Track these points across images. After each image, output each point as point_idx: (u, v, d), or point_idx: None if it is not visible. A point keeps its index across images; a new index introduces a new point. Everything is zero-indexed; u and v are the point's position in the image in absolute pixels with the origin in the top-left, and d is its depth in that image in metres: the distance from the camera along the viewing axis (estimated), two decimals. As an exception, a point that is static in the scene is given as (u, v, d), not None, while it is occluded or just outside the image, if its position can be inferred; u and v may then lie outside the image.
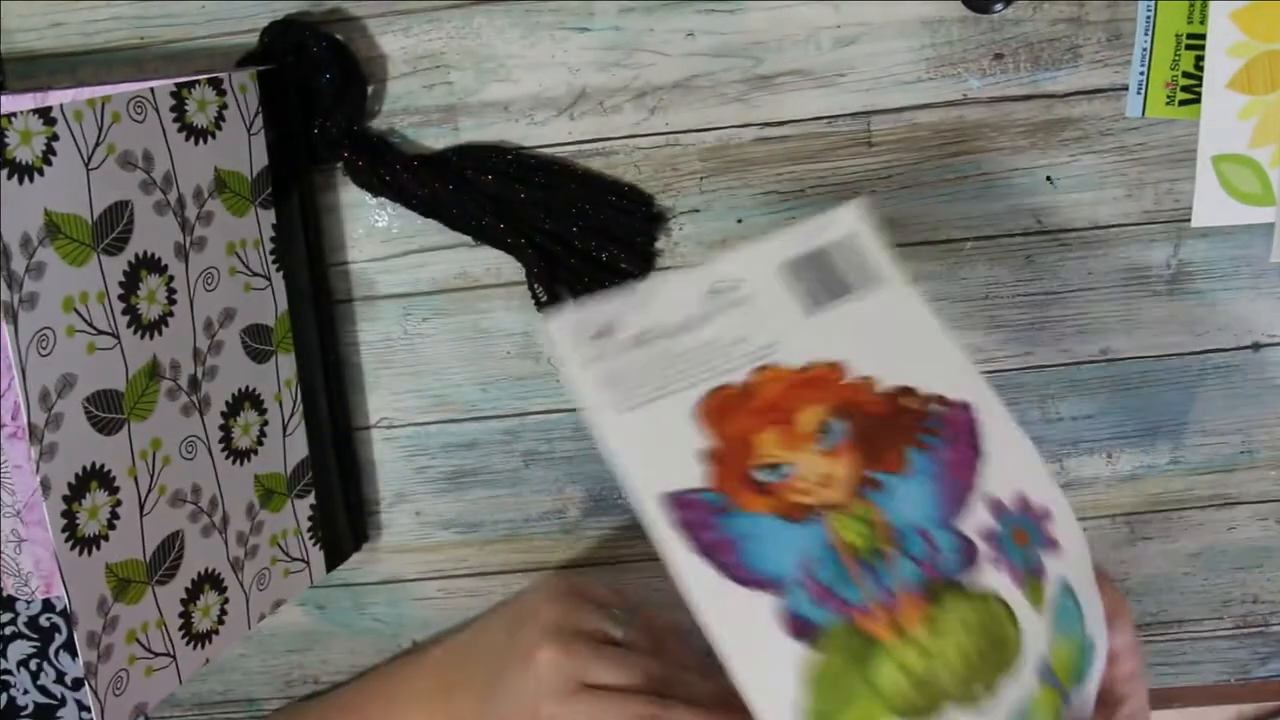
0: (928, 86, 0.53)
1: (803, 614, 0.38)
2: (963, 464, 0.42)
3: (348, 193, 0.56)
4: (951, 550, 0.40)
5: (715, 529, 0.39)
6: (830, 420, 0.42)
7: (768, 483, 0.40)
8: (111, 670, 0.45)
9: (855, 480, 0.41)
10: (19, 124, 0.39)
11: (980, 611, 0.40)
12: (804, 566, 0.39)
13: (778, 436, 0.41)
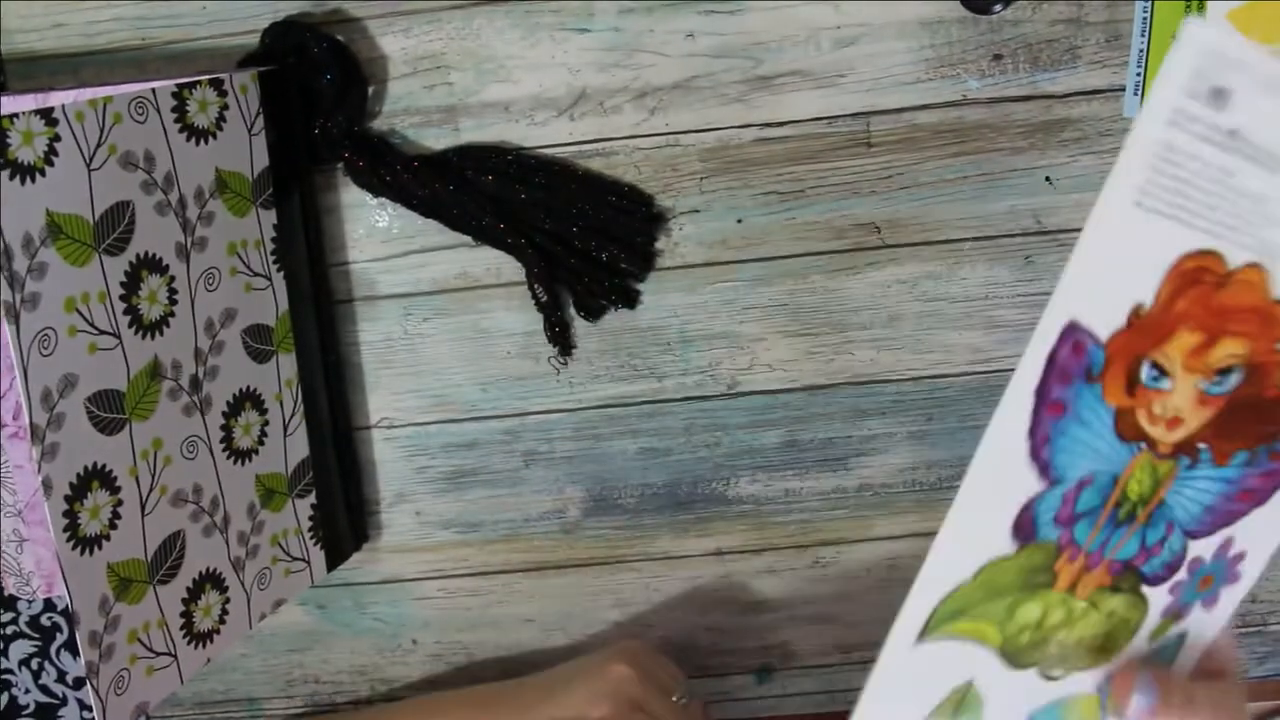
0: (927, 87, 0.54)
1: (1038, 517, 0.37)
2: (1252, 497, 0.38)
3: (348, 193, 0.56)
4: (1168, 557, 0.39)
5: (1069, 388, 0.35)
6: (1238, 367, 0.36)
7: (1141, 382, 0.35)
8: (113, 670, 0.45)
9: (1189, 441, 0.37)
10: (21, 124, 0.39)
11: (1129, 611, 0.39)
12: (1081, 482, 0.37)
13: (1194, 345, 0.35)
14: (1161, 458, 0.37)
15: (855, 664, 0.64)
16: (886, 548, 0.62)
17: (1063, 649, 0.39)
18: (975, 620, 0.38)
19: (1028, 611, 0.38)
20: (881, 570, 0.62)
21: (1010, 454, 0.35)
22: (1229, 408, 0.36)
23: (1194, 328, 0.35)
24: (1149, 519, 0.38)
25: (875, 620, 0.63)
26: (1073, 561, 0.38)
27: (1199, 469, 0.37)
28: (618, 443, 0.59)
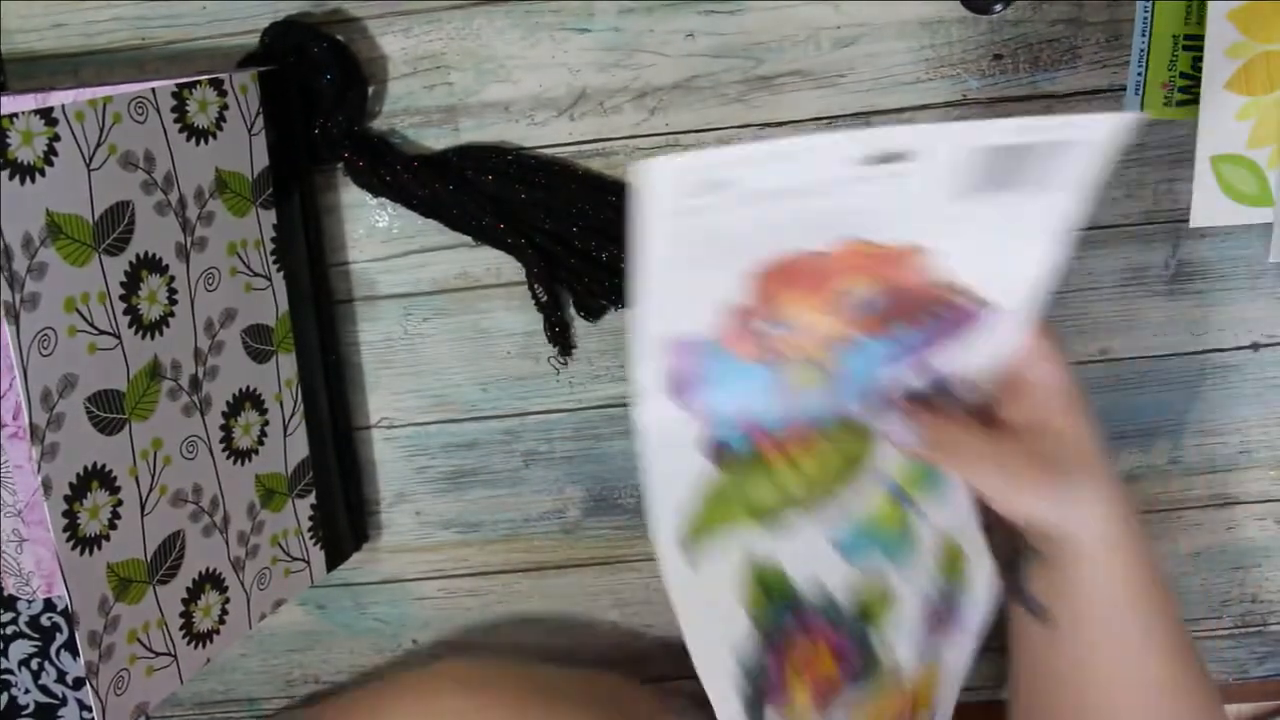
0: (927, 87, 0.54)
1: (724, 439, 0.42)
2: (937, 345, 0.43)
3: (348, 193, 0.56)
4: (867, 396, 0.44)
5: (696, 363, 0.40)
6: (873, 298, 0.40)
7: (771, 334, 0.40)
8: (113, 670, 0.45)
9: (843, 340, 0.41)
10: (21, 124, 0.39)
11: (854, 439, 0.44)
12: (748, 394, 0.41)
13: (813, 301, 0.40)
14: (818, 355, 0.41)
15: (855, 664, 0.64)
16: (886, 548, 0.62)
17: (809, 484, 0.44)
18: (720, 521, 0.43)
19: (760, 492, 0.43)
20: (881, 570, 0.62)
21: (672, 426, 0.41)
22: (884, 315, 0.41)
23: (806, 290, 0.39)
24: (836, 387, 0.43)
25: (875, 620, 0.63)
26: (773, 442, 0.43)
27: (862, 346, 0.42)
28: (618, 443, 0.59)
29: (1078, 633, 0.48)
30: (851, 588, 0.46)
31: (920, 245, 0.40)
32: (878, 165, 0.36)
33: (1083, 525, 0.45)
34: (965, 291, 0.41)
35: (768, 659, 0.45)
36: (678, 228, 0.35)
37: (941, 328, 0.42)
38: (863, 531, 0.46)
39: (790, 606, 0.45)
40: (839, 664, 0.46)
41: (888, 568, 0.47)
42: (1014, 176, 0.38)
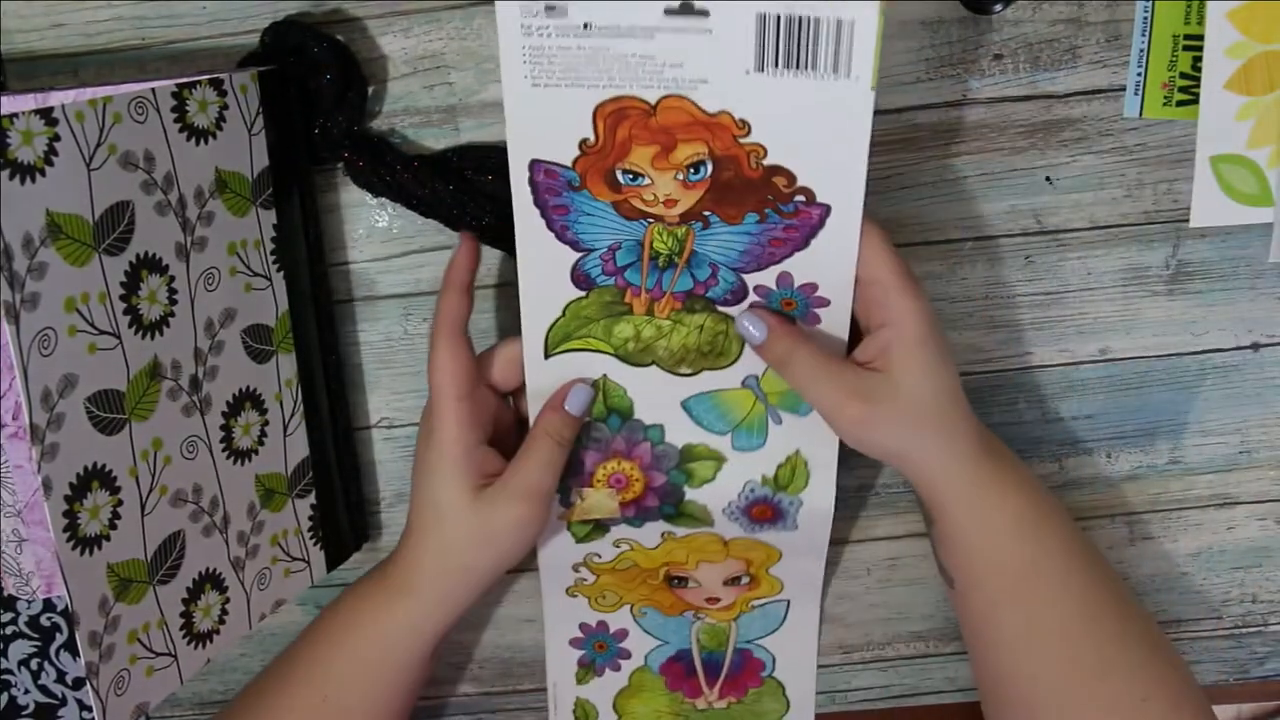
0: (928, 86, 0.54)
1: (589, 273, 0.49)
2: (785, 243, 0.48)
3: (348, 193, 0.56)
4: (727, 286, 0.49)
5: (561, 197, 0.47)
6: (705, 161, 0.46)
7: (622, 184, 0.47)
8: (113, 670, 0.45)
9: (693, 212, 0.47)
10: (21, 124, 0.39)
11: (717, 325, 0.51)
12: (611, 248, 0.49)
13: (653, 154, 0.46)
14: (672, 225, 0.48)
15: (855, 664, 0.64)
16: (886, 548, 0.62)
17: (672, 354, 0.51)
18: (581, 339, 0.51)
19: (622, 329, 0.51)
20: (881, 570, 0.62)
21: (541, 240, 0.48)
22: (719, 186, 0.46)
23: (645, 143, 0.46)
24: (689, 264, 0.49)
25: (875, 620, 0.63)
26: (637, 296, 0.50)
27: (716, 229, 0.48)
28: (618, 443, 0.59)
29: (975, 592, 0.51)
30: (685, 441, 0.53)
31: (732, 112, 0.44)
32: (682, 18, 0.43)
33: (923, 470, 0.49)
34: (788, 175, 0.46)
35: (583, 454, 0.53)
36: (529, 46, 0.43)
37: (786, 230, 0.47)
38: (713, 405, 0.52)
39: (622, 420, 0.53)
40: (646, 489, 0.54)
41: (725, 442, 0.53)
42: (806, 55, 0.43)
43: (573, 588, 0.58)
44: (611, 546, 0.56)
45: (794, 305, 0.49)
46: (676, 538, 0.55)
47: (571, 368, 0.51)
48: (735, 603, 0.58)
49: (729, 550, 0.56)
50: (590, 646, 0.61)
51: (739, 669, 0.61)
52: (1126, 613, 0.51)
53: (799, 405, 0.52)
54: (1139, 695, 0.49)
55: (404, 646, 0.54)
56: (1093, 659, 0.49)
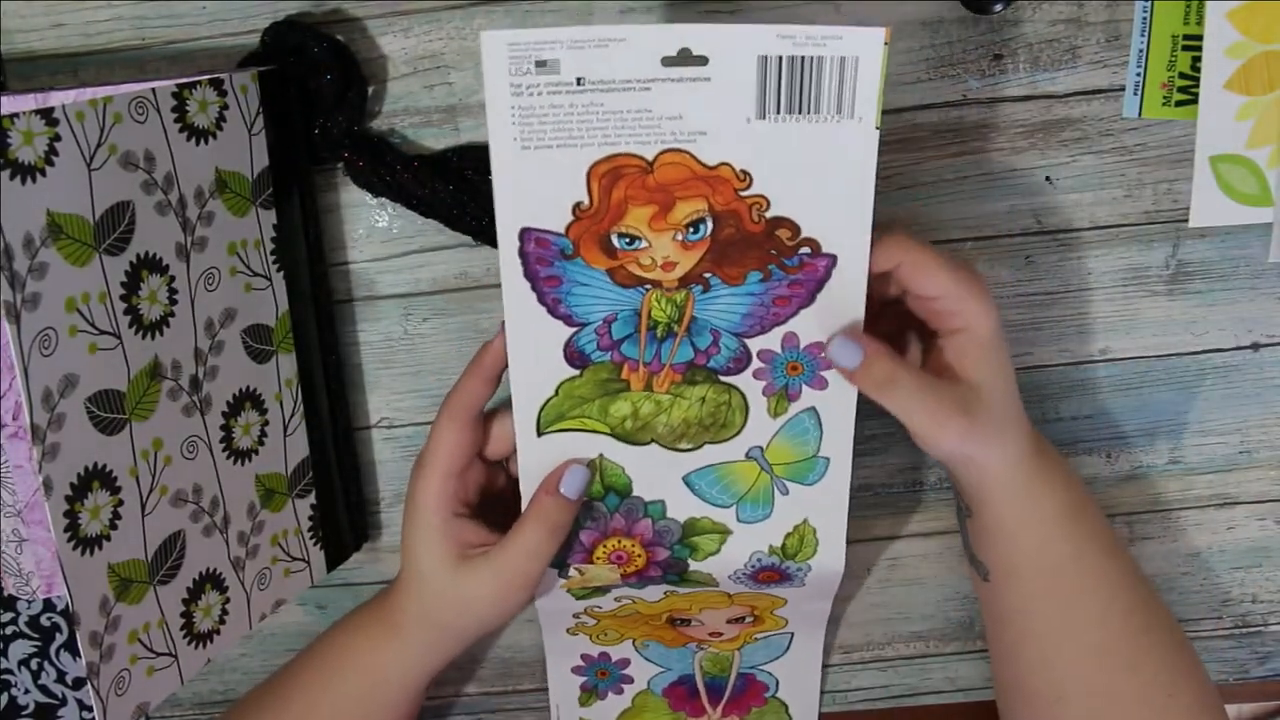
0: (928, 86, 0.54)
1: (583, 349, 0.47)
2: (790, 300, 0.46)
3: (348, 193, 0.56)
4: (729, 354, 0.48)
5: (553, 267, 0.45)
6: (705, 218, 0.44)
7: (618, 248, 0.45)
8: (113, 670, 0.45)
9: (693, 274, 0.46)
10: (21, 124, 0.39)
11: (719, 396, 0.48)
12: (606, 320, 0.47)
13: (650, 215, 0.44)
14: (671, 290, 0.46)
15: (855, 664, 0.64)
16: (886, 548, 0.62)
17: (672, 430, 0.49)
18: (576, 419, 0.49)
19: (619, 408, 0.48)
20: (882, 570, 0.62)
21: (532, 315, 0.46)
22: (719, 244, 0.45)
23: (643, 203, 0.44)
24: (689, 332, 0.47)
25: (875, 620, 0.63)
26: (635, 371, 0.48)
27: (716, 291, 0.46)
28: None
29: (1011, 584, 0.51)
30: (688, 515, 0.51)
31: (732, 163, 0.43)
32: (681, 68, 0.41)
33: (985, 470, 0.49)
34: (792, 226, 0.44)
35: (580, 533, 0.51)
36: (518, 107, 0.42)
37: (791, 286, 0.46)
38: (717, 478, 0.50)
39: (620, 498, 0.50)
40: (649, 563, 0.52)
41: (729, 515, 0.51)
42: (809, 97, 0.42)
43: (573, 629, 0.57)
44: (612, 600, 0.55)
45: (800, 370, 0.48)
46: (679, 594, 0.54)
47: (566, 446, 0.49)
48: (739, 636, 0.58)
49: (734, 600, 0.55)
50: (593, 674, 0.60)
51: (742, 691, 0.61)
52: (1154, 608, 0.51)
53: (806, 475, 0.50)
54: (1166, 691, 0.49)
55: (395, 682, 0.55)
56: (1124, 652, 0.49)
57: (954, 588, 0.62)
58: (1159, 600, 0.52)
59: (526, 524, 0.50)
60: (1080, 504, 0.50)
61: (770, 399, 0.48)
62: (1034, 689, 0.52)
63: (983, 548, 0.52)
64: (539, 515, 0.49)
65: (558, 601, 0.54)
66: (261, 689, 0.58)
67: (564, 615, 0.56)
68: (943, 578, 0.62)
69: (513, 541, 0.50)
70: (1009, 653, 0.53)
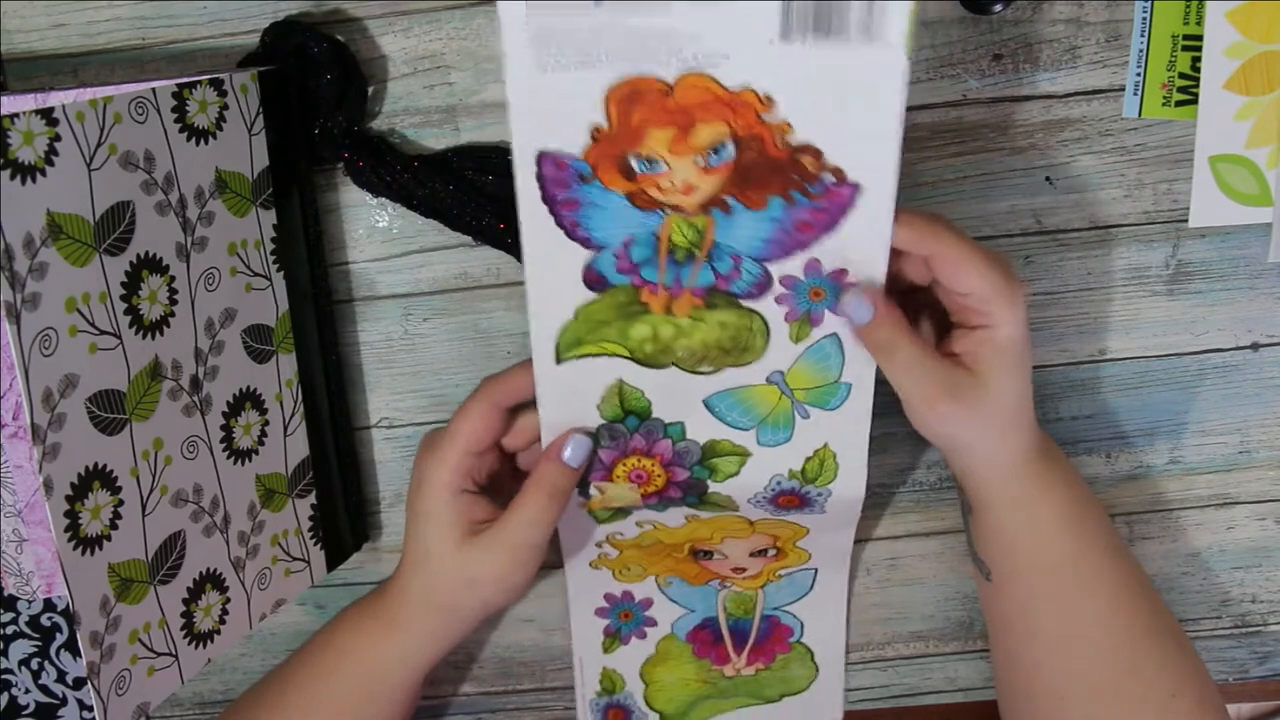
0: (928, 86, 0.54)
1: (602, 272, 0.46)
2: (813, 226, 0.45)
3: (348, 193, 0.56)
4: (750, 279, 0.46)
5: (571, 190, 0.44)
6: (727, 142, 0.43)
7: (637, 171, 0.44)
8: (114, 670, 0.45)
9: (713, 199, 0.45)
10: (21, 124, 0.39)
11: (741, 320, 0.47)
12: (625, 243, 0.46)
13: (670, 137, 0.43)
14: (692, 215, 0.45)
15: (856, 664, 0.64)
16: (886, 548, 0.62)
17: (692, 353, 0.48)
18: (595, 343, 0.48)
19: (638, 330, 0.48)
20: (882, 570, 0.62)
21: (549, 238, 0.45)
22: (741, 169, 0.44)
23: (662, 126, 0.43)
24: (710, 256, 0.46)
25: (875, 620, 0.63)
26: (655, 294, 0.47)
27: (738, 216, 0.45)
28: (618, 443, 0.59)
29: (1012, 584, 0.51)
30: (708, 437, 0.51)
31: (755, 87, 0.42)
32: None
33: (978, 464, 0.49)
34: (816, 153, 0.43)
35: (601, 452, 0.51)
36: (535, 27, 0.40)
37: (814, 213, 0.45)
38: (736, 402, 0.50)
39: (640, 420, 0.50)
40: (668, 484, 0.52)
41: (749, 437, 0.51)
42: (836, 19, 0.40)
43: (596, 561, 0.57)
44: (634, 526, 0.55)
45: (823, 295, 0.47)
46: (701, 519, 0.54)
47: (584, 372, 0.49)
48: (762, 572, 0.58)
49: (755, 528, 0.55)
50: (615, 616, 0.60)
51: (766, 635, 0.61)
52: (1156, 610, 0.51)
53: (828, 400, 0.49)
54: (1168, 691, 0.49)
55: (394, 677, 0.55)
56: (1126, 654, 0.49)
57: (954, 588, 0.62)
58: (1161, 602, 0.52)
59: (528, 491, 0.50)
60: (1083, 507, 0.51)
61: (792, 324, 0.48)
62: (1035, 689, 0.52)
63: (984, 547, 0.52)
64: (541, 482, 0.50)
65: (580, 526, 0.55)
66: (259, 688, 0.58)
67: (587, 543, 0.56)
68: (943, 578, 0.62)
69: (515, 510, 0.50)
70: (1010, 652, 0.53)
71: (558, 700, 0.65)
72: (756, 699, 0.63)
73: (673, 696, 0.62)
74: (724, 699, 0.63)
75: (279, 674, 0.57)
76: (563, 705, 0.65)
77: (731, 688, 0.62)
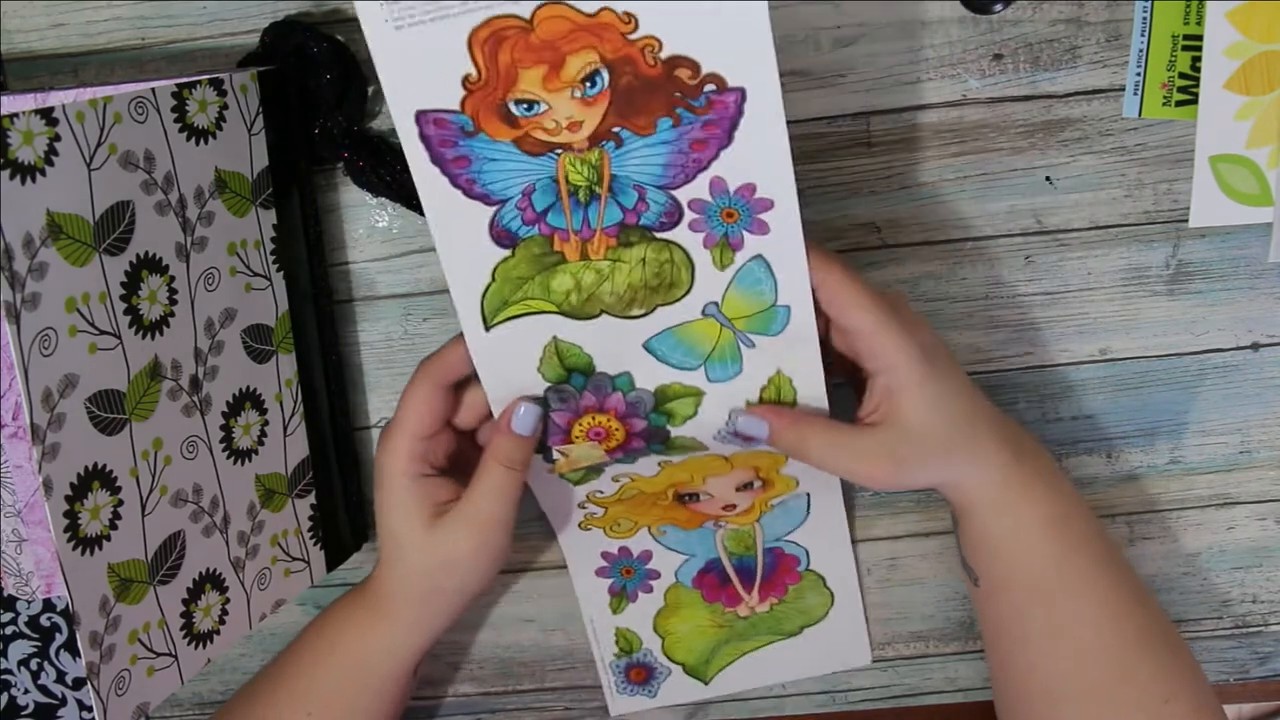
0: (928, 86, 0.54)
1: (509, 227, 0.45)
2: (707, 143, 0.44)
3: (348, 193, 0.56)
4: (659, 209, 0.46)
5: (458, 147, 0.43)
6: (600, 70, 0.42)
7: (518, 116, 0.43)
8: (114, 670, 0.45)
9: (601, 131, 0.44)
10: (21, 124, 0.39)
11: (660, 254, 0.46)
12: (525, 192, 0.45)
13: (542, 75, 0.42)
14: (583, 151, 0.44)
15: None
16: (886, 548, 0.62)
17: (619, 297, 0.47)
18: (520, 303, 0.47)
19: (560, 282, 0.47)
20: (882, 570, 0.62)
21: (448, 201, 0.44)
22: (620, 95, 0.43)
23: (531, 64, 0.42)
24: (612, 191, 0.45)
25: (875, 620, 0.63)
26: (566, 241, 0.46)
27: (630, 145, 0.44)
28: (618, 443, 0.59)
29: (999, 591, 0.52)
30: (658, 383, 0.50)
31: (613, 7, 0.41)
32: None
33: (953, 490, 0.50)
34: (691, 64, 0.42)
35: (554, 416, 0.50)
36: None
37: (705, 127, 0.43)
38: (678, 341, 0.49)
39: (585, 377, 0.49)
40: (629, 435, 0.51)
41: (699, 376, 0.50)
42: None
43: (584, 522, 0.57)
44: (611, 482, 0.54)
45: (736, 215, 0.46)
46: (674, 463, 0.53)
47: (516, 335, 0.48)
48: (754, 506, 0.57)
49: (732, 462, 0.54)
50: (617, 573, 0.59)
51: (773, 568, 0.60)
52: (1149, 614, 0.51)
53: (769, 326, 0.48)
54: (1161, 696, 0.49)
55: (384, 668, 0.55)
56: (1117, 659, 0.49)
57: (954, 588, 0.62)
58: (1156, 607, 0.52)
59: (485, 465, 0.50)
60: (1065, 511, 0.50)
61: (713, 250, 0.46)
62: (1028, 692, 0.52)
63: (971, 554, 0.52)
64: (496, 454, 0.50)
65: (556, 492, 0.54)
66: (252, 685, 0.58)
67: (569, 507, 0.56)
68: (943, 578, 0.62)
69: (474, 486, 0.50)
70: (1004, 656, 0.53)
71: (557, 700, 0.65)
72: (777, 635, 0.62)
73: (692, 646, 0.62)
74: (744, 640, 0.62)
75: (270, 671, 0.57)
76: (562, 705, 0.65)
77: (749, 628, 0.61)
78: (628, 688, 0.63)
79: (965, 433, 0.48)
